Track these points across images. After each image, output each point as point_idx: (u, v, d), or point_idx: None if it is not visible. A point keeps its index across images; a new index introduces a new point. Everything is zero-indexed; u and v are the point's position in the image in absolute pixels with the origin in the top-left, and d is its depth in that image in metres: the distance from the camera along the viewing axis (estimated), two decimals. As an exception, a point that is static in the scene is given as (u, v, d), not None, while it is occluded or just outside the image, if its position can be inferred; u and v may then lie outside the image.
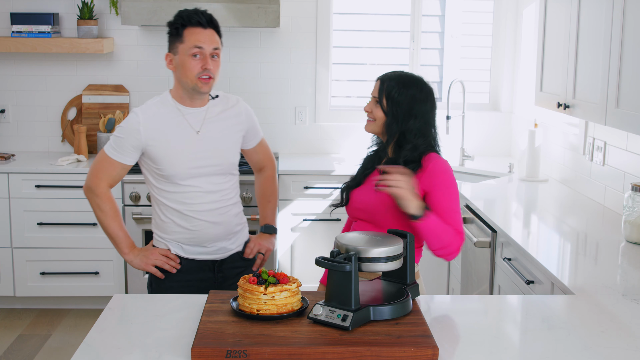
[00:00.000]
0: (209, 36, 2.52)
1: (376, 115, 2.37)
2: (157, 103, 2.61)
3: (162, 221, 2.64)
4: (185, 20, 2.52)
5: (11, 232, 4.34)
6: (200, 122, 2.60)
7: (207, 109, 2.63)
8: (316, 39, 4.84)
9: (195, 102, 2.61)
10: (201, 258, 2.66)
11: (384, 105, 2.34)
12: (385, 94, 2.34)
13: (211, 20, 2.55)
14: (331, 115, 4.93)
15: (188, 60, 2.51)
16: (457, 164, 4.72)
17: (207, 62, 2.51)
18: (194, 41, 2.50)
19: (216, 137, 2.62)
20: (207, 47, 2.51)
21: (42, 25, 4.50)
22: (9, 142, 4.83)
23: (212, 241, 2.65)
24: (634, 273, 2.62)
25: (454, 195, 2.32)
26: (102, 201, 2.60)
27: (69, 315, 4.46)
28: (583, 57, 3.11)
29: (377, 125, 2.38)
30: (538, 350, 1.90)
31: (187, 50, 2.51)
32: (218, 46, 2.54)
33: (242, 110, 2.72)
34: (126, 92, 4.80)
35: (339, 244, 2.02)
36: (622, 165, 3.35)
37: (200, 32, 2.51)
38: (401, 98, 2.32)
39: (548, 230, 3.24)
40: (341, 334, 1.87)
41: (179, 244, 2.64)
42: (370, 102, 2.40)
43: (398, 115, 2.33)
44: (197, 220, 2.60)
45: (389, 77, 2.37)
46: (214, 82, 2.57)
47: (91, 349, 1.87)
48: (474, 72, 5.04)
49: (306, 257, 4.40)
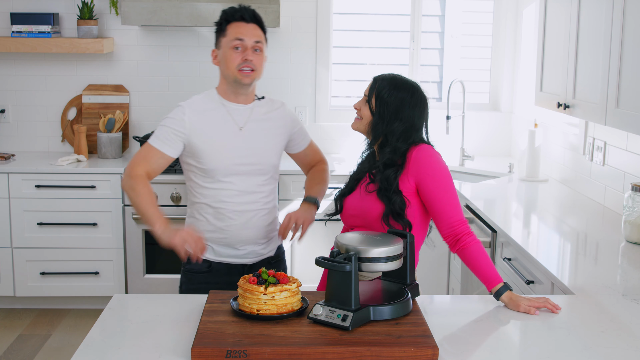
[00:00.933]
0: (250, 29, 2.55)
1: (364, 114, 2.37)
2: (203, 97, 2.62)
3: (197, 219, 2.63)
4: (228, 16, 2.57)
5: (11, 232, 4.34)
6: (244, 120, 2.61)
7: (252, 108, 2.64)
8: (316, 39, 4.84)
9: (239, 97, 2.61)
10: (231, 262, 2.63)
11: (372, 105, 2.33)
12: (375, 93, 2.33)
13: (254, 16, 2.58)
14: (331, 115, 4.93)
15: (229, 53, 2.54)
16: (457, 164, 4.72)
17: (248, 54, 2.53)
18: (235, 34, 2.53)
19: (258, 136, 2.61)
20: (249, 40, 2.53)
21: (42, 25, 4.50)
22: (9, 142, 4.83)
23: (243, 243, 2.62)
24: (634, 273, 2.62)
25: (446, 180, 2.26)
26: (136, 182, 2.49)
27: (69, 315, 4.46)
28: (583, 57, 3.11)
29: (363, 124, 2.37)
30: (538, 350, 1.90)
31: (228, 43, 2.54)
32: (260, 40, 2.57)
33: (287, 114, 2.73)
34: (126, 92, 4.80)
35: (339, 244, 2.02)
36: (622, 165, 3.35)
37: (242, 25, 2.55)
38: (390, 99, 2.31)
39: (548, 230, 3.24)
40: (341, 334, 1.87)
41: (210, 244, 2.61)
42: (361, 100, 2.40)
43: (384, 115, 2.31)
44: (230, 220, 2.58)
45: (382, 77, 2.37)
46: (256, 76, 2.57)
47: (91, 349, 1.87)
48: (474, 72, 5.04)
49: (306, 257, 4.40)
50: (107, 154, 4.60)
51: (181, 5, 4.32)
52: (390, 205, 2.26)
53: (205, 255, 2.58)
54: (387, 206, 2.26)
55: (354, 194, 2.40)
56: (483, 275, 2.20)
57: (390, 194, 2.26)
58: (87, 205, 4.33)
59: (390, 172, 2.28)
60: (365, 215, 2.32)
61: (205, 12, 4.33)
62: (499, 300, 2.18)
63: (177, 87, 4.81)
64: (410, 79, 2.39)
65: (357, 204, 2.36)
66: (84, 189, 4.31)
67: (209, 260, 2.63)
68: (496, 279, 2.18)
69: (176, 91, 4.81)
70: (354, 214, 2.38)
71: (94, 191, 4.32)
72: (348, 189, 2.42)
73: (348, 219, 2.42)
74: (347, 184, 2.46)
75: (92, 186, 4.31)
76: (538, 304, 2.14)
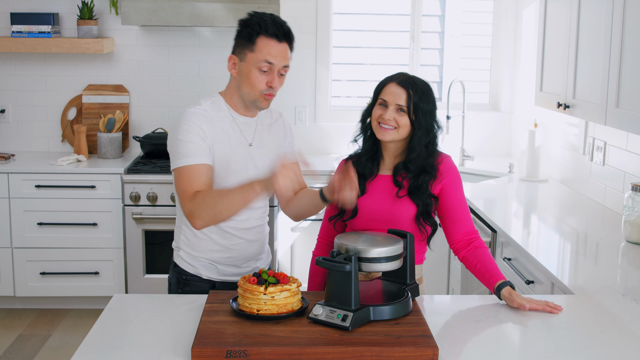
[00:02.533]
0: (282, 51, 2.34)
1: (401, 123, 2.26)
2: (212, 106, 2.41)
3: (197, 237, 2.46)
4: (261, 29, 2.32)
5: (11, 232, 4.34)
6: (252, 134, 2.47)
7: (257, 120, 2.49)
8: (316, 39, 4.84)
9: (249, 112, 2.45)
10: (234, 280, 2.51)
11: (412, 116, 2.26)
12: (414, 104, 2.26)
13: (288, 34, 2.36)
14: (331, 115, 4.93)
15: (255, 73, 2.33)
16: (457, 164, 4.71)
17: (274, 80, 2.34)
18: (266, 55, 2.31)
19: (265, 151, 2.49)
20: (278, 64, 2.34)
21: (42, 25, 4.50)
22: (9, 142, 4.83)
23: (247, 260, 2.53)
24: (634, 273, 2.62)
25: (463, 191, 2.36)
26: (202, 195, 2.26)
27: (69, 315, 4.46)
28: (583, 57, 3.11)
29: (400, 134, 2.28)
30: (538, 350, 1.90)
31: (256, 62, 2.32)
32: (288, 64, 2.37)
33: (286, 126, 2.60)
34: (126, 92, 4.80)
35: (339, 244, 2.02)
36: (622, 165, 3.35)
37: (274, 45, 2.32)
38: (427, 108, 2.27)
39: (548, 230, 3.24)
40: (341, 334, 1.87)
41: (213, 264, 2.48)
42: (393, 110, 2.27)
43: (426, 126, 2.28)
44: (237, 238, 2.47)
45: (410, 84, 2.27)
46: (273, 98, 2.43)
47: (91, 349, 1.87)
48: (474, 72, 5.04)
49: (306, 257, 4.39)
50: (107, 154, 4.60)
51: (181, 5, 4.32)
52: (423, 206, 2.29)
53: (208, 275, 2.50)
54: (420, 207, 2.28)
55: (369, 196, 2.33)
56: (490, 272, 2.23)
57: (425, 196, 2.29)
58: (87, 205, 4.33)
59: (426, 178, 2.29)
60: (397, 220, 2.29)
61: (205, 12, 4.33)
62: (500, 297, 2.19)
63: (177, 87, 4.81)
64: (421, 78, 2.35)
65: (385, 209, 2.31)
66: (84, 189, 4.31)
67: (211, 280, 2.51)
68: (501, 276, 2.22)
69: (176, 91, 4.81)
70: (378, 219, 2.31)
71: (94, 191, 4.32)
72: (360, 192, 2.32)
73: (369, 224, 2.33)
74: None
75: (92, 186, 4.31)
76: (537, 305, 2.14)
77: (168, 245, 4.41)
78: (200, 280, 2.50)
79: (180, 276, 2.52)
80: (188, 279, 2.51)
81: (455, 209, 2.32)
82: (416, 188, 2.28)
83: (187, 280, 2.51)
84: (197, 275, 2.49)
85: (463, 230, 2.32)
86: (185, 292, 2.50)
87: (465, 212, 2.33)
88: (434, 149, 2.32)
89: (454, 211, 2.32)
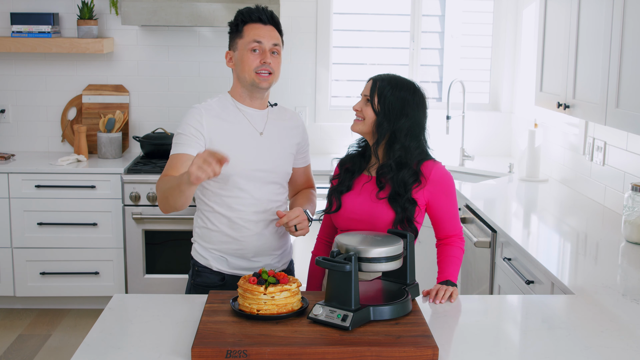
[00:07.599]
0: (268, 31, 2.49)
1: (366, 114, 2.34)
2: (217, 102, 2.53)
3: (209, 229, 2.53)
4: (245, 17, 2.50)
5: (11, 232, 4.35)
6: (262, 124, 2.54)
7: (267, 114, 2.57)
8: (316, 39, 4.84)
9: (254, 101, 2.54)
10: (245, 274, 2.44)
11: (375, 104, 2.32)
12: (378, 92, 2.32)
13: (272, 17, 2.51)
14: (331, 115, 4.93)
15: (247, 55, 2.47)
16: (457, 164, 4.72)
17: (266, 57, 2.46)
18: (253, 36, 2.47)
19: (277, 141, 2.55)
20: (267, 42, 2.47)
21: (42, 25, 4.50)
22: (9, 142, 4.83)
23: (257, 254, 2.55)
24: (634, 273, 2.62)
25: (455, 200, 2.38)
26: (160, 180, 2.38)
27: (69, 315, 4.46)
28: (583, 57, 3.11)
29: (366, 125, 2.34)
30: (538, 350, 1.90)
31: (245, 45, 2.47)
32: (278, 42, 2.50)
33: (300, 123, 2.67)
34: (126, 92, 4.80)
35: (339, 244, 2.02)
36: (622, 165, 3.35)
37: (260, 27, 2.48)
38: (393, 98, 2.31)
39: (548, 230, 3.24)
40: (341, 334, 1.87)
41: (223, 256, 2.54)
42: (361, 101, 2.38)
43: (389, 114, 2.30)
44: (245, 229, 2.50)
45: (381, 77, 2.36)
46: (274, 79, 2.51)
47: (91, 349, 1.87)
48: (474, 72, 5.04)
49: (306, 257, 4.39)
50: (107, 154, 4.60)
51: (181, 5, 4.32)
52: (403, 213, 2.29)
53: (218, 267, 2.54)
54: (399, 213, 2.28)
55: (354, 193, 2.37)
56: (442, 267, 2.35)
57: (403, 201, 2.28)
58: (87, 205, 4.33)
59: (406, 174, 2.29)
60: (375, 222, 2.31)
61: (205, 12, 4.33)
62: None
63: (177, 87, 4.81)
64: (408, 78, 2.39)
65: (364, 209, 2.33)
66: (84, 189, 4.31)
67: (222, 272, 2.54)
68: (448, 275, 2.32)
69: (176, 91, 4.81)
70: (358, 219, 2.34)
71: (94, 191, 4.32)
72: (345, 187, 2.39)
73: (346, 222, 2.37)
74: (340, 178, 2.42)
75: (92, 186, 4.31)
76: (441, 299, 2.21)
77: (168, 245, 4.42)
78: (211, 272, 2.56)
79: (194, 267, 2.61)
80: (200, 270, 2.58)
81: (444, 217, 2.38)
82: (399, 188, 2.29)
83: (198, 271, 2.58)
84: (207, 267, 2.56)
85: (448, 230, 2.39)
86: (197, 283, 2.58)
87: (454, 219, 2.39)
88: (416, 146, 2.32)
89: (442, 218, 2.38)
